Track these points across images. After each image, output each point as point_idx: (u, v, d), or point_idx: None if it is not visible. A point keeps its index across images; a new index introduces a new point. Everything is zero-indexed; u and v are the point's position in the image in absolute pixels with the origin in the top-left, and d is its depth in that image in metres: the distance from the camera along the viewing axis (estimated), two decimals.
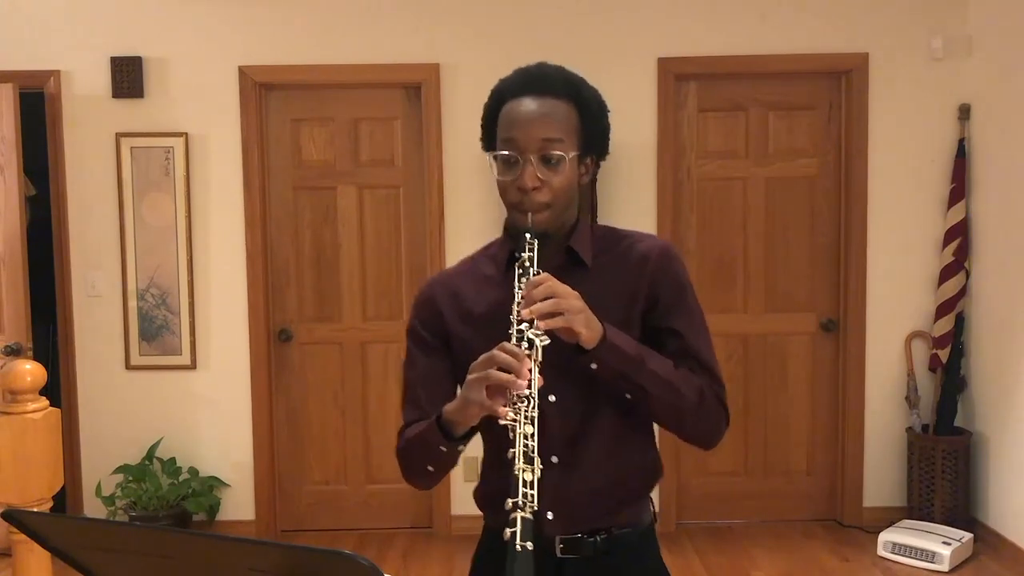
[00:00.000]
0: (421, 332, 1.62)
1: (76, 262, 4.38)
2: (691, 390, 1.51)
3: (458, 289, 1.63)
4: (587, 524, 1.55)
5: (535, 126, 1.50)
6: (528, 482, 1.31)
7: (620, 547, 1.57)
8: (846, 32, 4.34)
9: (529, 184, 1.49)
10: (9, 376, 2.16)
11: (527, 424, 1.34)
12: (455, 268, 1.70)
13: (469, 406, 1.39)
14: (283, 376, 4.53)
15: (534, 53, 4.60)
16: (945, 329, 4.31)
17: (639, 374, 1.46)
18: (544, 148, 1.49)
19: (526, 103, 1.52)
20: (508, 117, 1.53)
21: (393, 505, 4.57)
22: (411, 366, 1.63)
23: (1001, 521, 4.15)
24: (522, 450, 1.33)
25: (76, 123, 4.33)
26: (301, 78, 4.36)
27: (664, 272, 1.57)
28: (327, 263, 4.50)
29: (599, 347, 1.43)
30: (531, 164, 1.49)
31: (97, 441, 4.42)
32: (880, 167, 4.39)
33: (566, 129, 1.52)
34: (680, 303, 1.57)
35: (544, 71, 1.58)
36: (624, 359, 1.45)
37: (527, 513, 1.28)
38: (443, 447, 1.46)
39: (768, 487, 4.55)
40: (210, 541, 1.05)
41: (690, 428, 1.55)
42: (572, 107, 1.53)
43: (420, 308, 1.65)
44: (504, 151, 1.52)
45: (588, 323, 1.41)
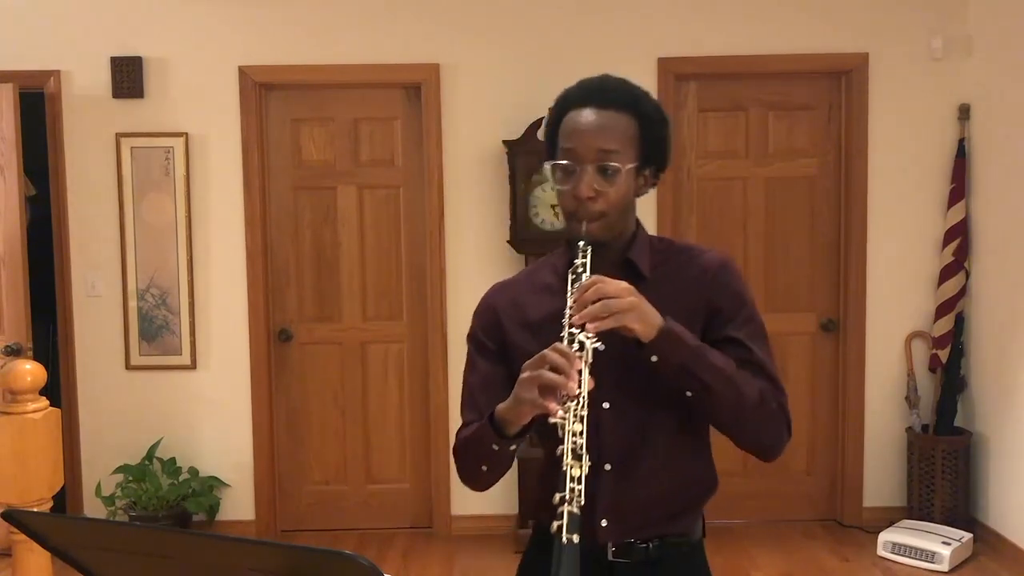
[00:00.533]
0: (481, 338, 1.66)
1: (76, 262, 4.38)
2: (752, 388, 1.51)
3: (518, 297, 1.66)
4: (640, 532, 1.56)
5: (592, 137, 1.52)
6: (576, 478, 1.33)
7: (670, 556, 1.58)
8: (846, 32, 4.34)
9: (584, 193, 1.51)
10: (9, 376, 2.16)
11: (576, 422, 1.36)
12: (516, 277, 1.74)
13: (520, 404, 1.41)
14: (283, 376, 4.53)
15: (534, 53, 4.63)
16: (945, 329, 4.31)
17: (700, 366, 1.46)
18: (601, 159, 1.52)
19: (585, 114, 1.55)
20: (567, 127, 1.56)
21: (393, 505, 4.57)
22: (471, 370, 1.67)
23: (1001, 521, 4.15)
24: (570, 447, 1.35)
25: (76, 123, 4.33)
26: (301, 78, 4.36)
27: (725, 284, 1.58)
28: (327, 263, 4.50)
29: (658, 338, 1.43)
30: (587, 174, 1.51)
31: (97, 441, 4.41)
32: (880, 167, 4.39)
33: (623, 141, 1.54)
34: (741, 314, 1.58)
35: (606, 83, 1.60)
36: (684, 349, 1.45)
37: (574, 508, 1.31)
38: (495, 445, 1.48)
39: (768, 487, 4.55)
40: (210, 541, 1.05)
41: (750, 431, 1.54)
42: (632, 119, 1.55)
43: (481, 315, 1.68)
44: (562, 160, 1.54)
45: (642, 318, 1.42)
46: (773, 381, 1.56)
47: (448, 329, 4.41)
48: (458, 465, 1.63)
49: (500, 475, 1.57)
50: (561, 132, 1.57)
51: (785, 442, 1.58)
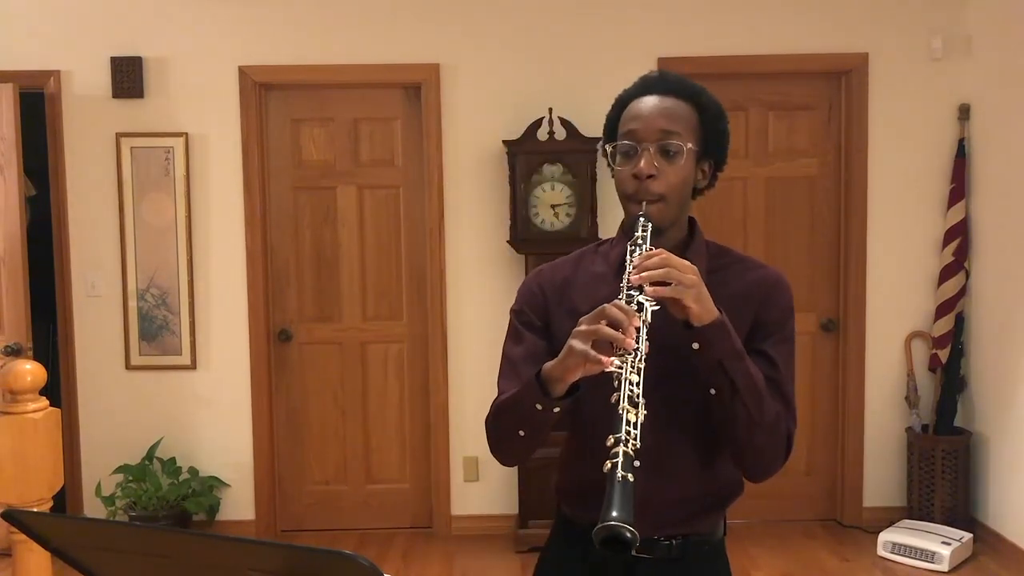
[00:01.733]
0: (528, 313, 1.63)
1: (76, 262, 4.38)
2: (771, 408, 1.49)
3: (567, 281, 1.63)
4: (664, 530, 1.55)
5: (655, 118, 1.53)
6: (632, 422, 1.30)
7: (692, 554, 1.58)
8: (846, 32, 4.34)
9: (645, 170, 1.51)
10: (9, 376, 2.16)
11: (633, 372, 1.33)
12: (564, 260, 1.69)
13: (573, 357, 1.37)
14: (283, 376, 4.53)
15: (534, 53, 4.62)
16: (945, 329, 4.31)
17: (736, 368, 1.44)
18: (663, 138, 1.52)
19: (647, 100, 1.56)
20: (629, 113, 1.57)
21: (393, 505, 4.57)
22: (516, 342, 1.62)
23: (1001, 521, 4.15)
24: (627, 393, 1.32)
25: (76, 123, 4.33)
26: (301, 78, 4.36)
27: (774, 300, 1.57)
28: (327, 263, 4.50)
29: (710, 325, 1.41)
30: (648, 152, 1.52)
31: (97, 441, 4.41)
32: (880, 167, 4.39)
33: (685, 125, 1.54)
34: (780, 332, 1.56)
35: (666, 75, 1.61)
36: (729, 346, 1.43)
37: (629, 448, 1.28)
38: (539, 405, 1.43)
39: (768, 487, 4.48)
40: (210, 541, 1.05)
41: (754, 449, 1.52)
42: (692, 108, 1.56)
43: (528, 293, 1.65)
44: (624, 141, 1.55)
45: (700, 298, 1.40)
46: (789, 407, 1.55)
47: (448, 329, 4.41)
48: (491, 433, 1.58)
49: (534, 446, 1.53)
50: (623, 120, 1.58)
51: (778, 468, 1.57)
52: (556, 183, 4.16)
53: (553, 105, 4.17)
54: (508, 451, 1.57)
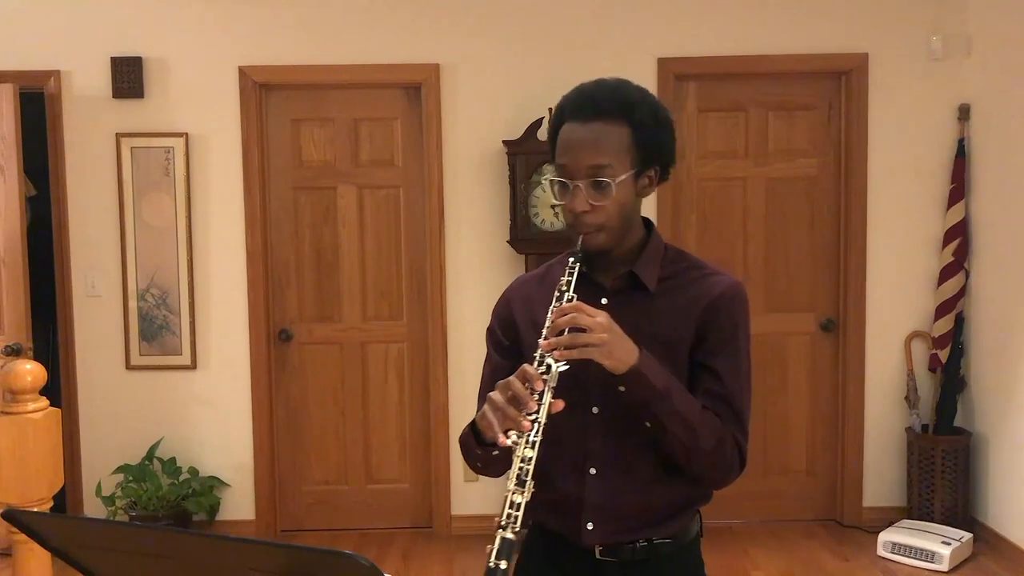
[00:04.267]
0: (497, 332, 1.70)
1: (76, 262, 4.38)
2: (710, 436, 1.51)
3: (531, 296, 1.66)
4: (627, 535, 1.57)
5: (583, 154, 1.52)
6: (515, 504, 1.36)
7: (660, 556, 1.59)
8: (846, 32, 4.34)
9: (579, 208, 1.52)
10: (9, 376, 2.16)
11: (527, 448, 1.38)
12: (534, 273, 1.75)
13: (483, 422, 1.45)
14: (283, 376, 4.53)
15: (534, 53, 4.62)
16: (945, 329, 4.31)
17: (662, 409, 1.47)
18: (592, 174, 1.52)
19: (576, 129, 1.54)
20: (562, 143, 1.57)
21: (393, 505, 4.57)
22: (487, 363, 1.71)
23: (1001, 521, 4.15)
24: (516, 472, 1.38)
25: (76, 123, 4.33)
26: (301, 78, 4.36)
27: (721, 310, 1.57)
28: (327, 263, 4.50)
29: (627, 374, 1.45)
30: (580, 190, 1.52)
31: (97, 441, 4.41)
32: (880, 167, 4.39)
33: (616, 153, 1.52)
34: (729, 346, 1.57)
35: (598, 92, 1.57)
36: (649, 391, 1.47)
37: (508, 533, 1.33)
38: (478, 450, 1.53)
39: (768, 487, 4.55)
40: (210, 541, 1.05)
41: (697, 469, 1.55)
42: (625, 127, 1.53)
43: (498, 310, 1.72)
44: (558, 177, 1.56)
45: (611, 354, 1.43)
46: (739, 422, 1.56)
47: (448, 329, 4.41)
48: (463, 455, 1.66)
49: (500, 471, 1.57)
50: (558, 146, 1.58)
51: (733, 479, 1.59)
52: None
53: (553, 105, 4.15)
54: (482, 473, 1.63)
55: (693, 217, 4.49)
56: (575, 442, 1.56)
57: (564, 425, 1.44)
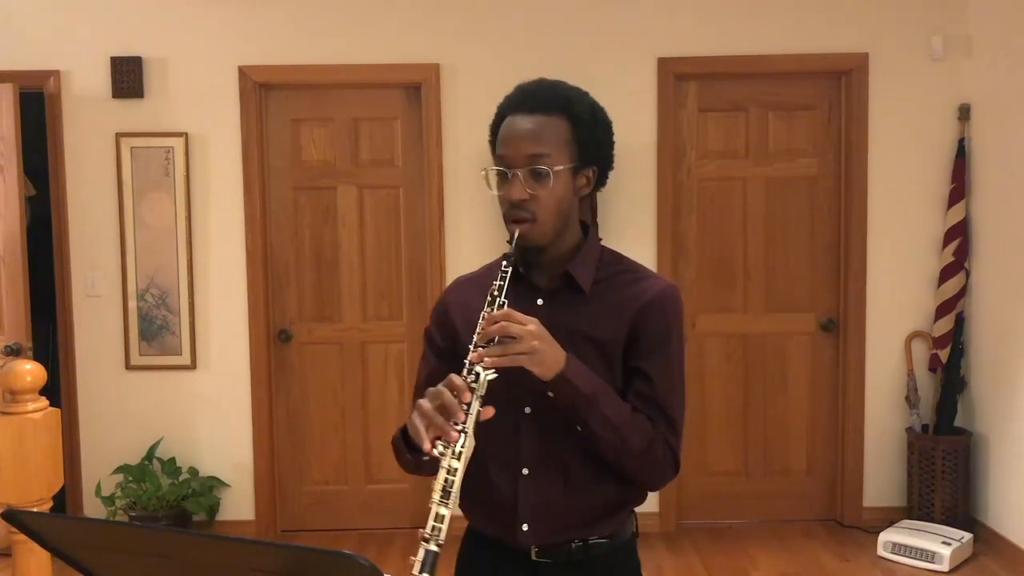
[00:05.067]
0: (434, 335, 1.72)
1: (76, 262, 4.38)
2: (640, 439, 1.53)
3: (469, 298, 1.66)
4: (562, 535, 1.58)
5: (522, 142, 1.54)
6: (440, 516, 1.38)
7: (596, 557, 1.60)
8: (846, 32, 4.34)
9: (515, 196, 1.54)
10: (9, 376, 2.16)
11: (454, 459, 1.39)
12: (471, 275, 1.75)
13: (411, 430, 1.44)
14: (283, 376, 4.53)
15: (534, 53, 4.61)
16: (945, 329, 4.31)
17: (590, 414, 1.49)
18: (531, 162, 1.54)
19: (517, 121, 1.57)
20: (502, 135, 1.59)
21: (393, 505, 4.57)
22: (423, 365, 1.74)
23: (1001, 521, 4.15)
24: (441, 484, 1.38)
25: (76, 123, 4.33)
26: (301, 78, 4.36)
27: (653, 314, 1.59)
28: (327, 263, 4.50)
29: (554, 380, 1.46)
30: (518, 178, 1.54)
31: (97, 441, 4.41)
32: (880, 167, 4.39)
33: (555, 143, 1.55)
34: (660, 349, 1.58)
35: (538, 88, 1.61)
36: (577, 396, 1.48)
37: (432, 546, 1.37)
38: (408, 455, 1.55)
39: (768, 487, 4.55)
40: (210, 541, 1.05)
41: (629, 471, 1.57)
42: (564, 121, 1.56)
43: (436, 314, 1.73)
44: (496, 167, 1.58)
45: (541, 361, 1.44)
46: (671, 424, 1.58)
47: None
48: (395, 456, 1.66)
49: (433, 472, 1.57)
50: (499, 138, 1.60)
51: (667, 481, 1.61)
52: None
53: None
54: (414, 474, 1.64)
55: (693, 217, 4.49)
56: (508, 442, 1.57)
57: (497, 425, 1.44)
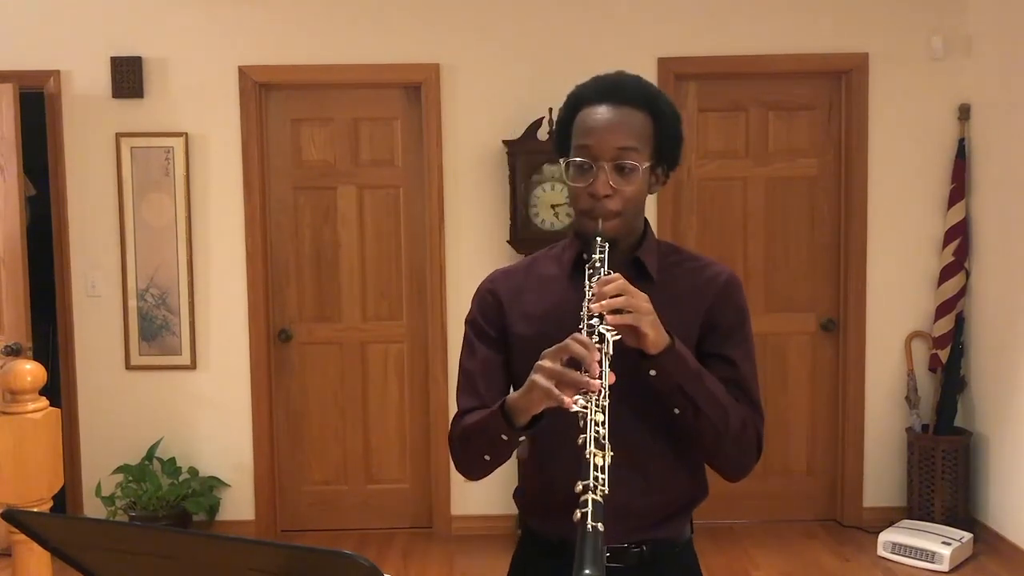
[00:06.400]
0: (482, 323, 1.63)
1: (76, 262, 4.38)
2: (737, 419, 1.51)
3: (520, 286, 1.63)
4: (631, 536, 1.55)
5: (611, 134, 1.49)
6: (599, 466, 1.30)
7: (662, 559, 1.58)
8: (846, 32, 4.34)
9: (601, 191, 1.49)
10: (9, 376, 2.16)
11: (598, 412, 1.33)
12: (517, 265, 1.70)
13: (536, 393, 1.37)
14: (283, 376, 4.53)
15: (534, 53, 4.62)
16: (945, 329, 4.31)
17: (695, 388, 1.45)
18: (618, 156, 1.49)
19: (602, 111, 1.51)
20: (584, 124, 1.52)
21: (393, 505, 4.57)
22: (470, 355, 1.63)
23: (1001, 521, 4.15)
24: (594, 436, 1.31)
25: (76, 123, 4.33)
26: (301, 78, 4.36)
27: (728, 299, 1.58)
28: (327, 263, 4.50)
29: (664, 353, 1.42)
30: (604, 172, 1.49)
31: (97, 441, 4.41)
32: (880, 167, 4.39)
33: (641, 138, 1.51)
34: (739, 333, 1.57)
35: (622, 80, 1.57)
36: (685, 370, 1.45)
37: (598, 496, 1.27)
38: (505, 435, 1.45)
39: (768, 487, 4.54)
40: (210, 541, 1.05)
41: (725, 455, 1.54)
42: (648, 117, 1.53)
43: (482, 301, 1.65)
44: (579, 158, 1.51)
45: (655, 326, 1.41)
46: (755, 406, 1.56)
47: (448, 329, 4.41)
48: (457, 455, 1.60)
49: (499, 465, 1.54)
50: (576, 129, 1.54)
51: (752, 466, 1.58)
52: (556, 183, 4.15)
53: (553, 105, 4.16)
54: (474, 471, 1.58)
55: (693, 217, 4.49)
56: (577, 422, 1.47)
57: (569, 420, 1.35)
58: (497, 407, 1.47)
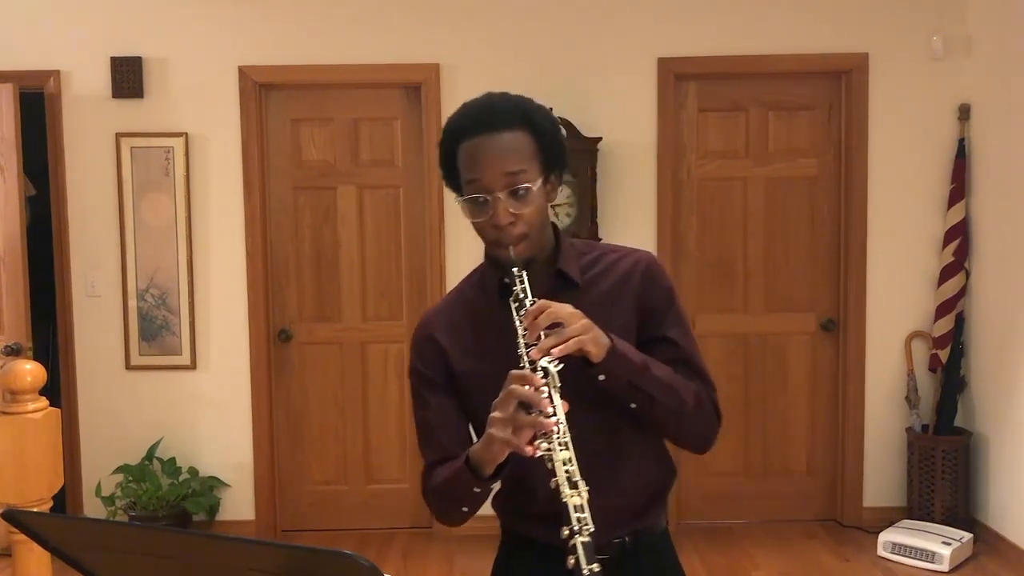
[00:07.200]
0: (425, 372, 1.62)
1: (76, 262, 4.38)
2: (690, 395, 1.54)
3: (455, 322, 1.63)
4: (613, 532, 1.56)
5: (497, 162, 1.48)
6: (578, 507, 1.33)
7: (646, 545, 1.61)
8: (846, 32, 4.34)
9: (503, 221, 1.49)
10: (9, 376, 2.16)
11: (563, 450, 1.35)
12: (445, 302, 1.69)
13: (495, 444, 1.39)
14: (283, 376, 4.53)
15: (534, 53, 4.61)
16: (945, 329, 4.31)
17: (645, 380, 1.48)
18: (510, 183, 1.48)
19: (482, 142, 1.50)
20: (468, 158, 1.51)
21: (393, 505, 4.57)
22: (422, 407, 1.63)
23: (1001, 521, 4.15)
24: (565, 477, 1.34)
25: (76, 123, 4.33)
26: (301, 78, 4.36)
27: (654, 283, 1.60)
28: (327, 263, 4.50)
29: (607, 357, 1.44)
30: (500, 201, 1.48)
31: (97, 441, 4.41)
32: (880, 167, 4.39)
33: (526, 158, 1.50)
34: (671, 312, 1.60)
35: (492, 103, 1.55)
36: (631, 367, 1.47)
37: (585, 537, 1.31)
38: (477, 488, 1.47)
39: (768, 487, 4.55)
40: (210, 541, 1.05)
41: (689, 433, 1.58)
42: (527, 134, 1.52)
43: (421, 347, 1.64)
44: (472, 193, 1.51)
45: (596, 340, 1.42)
46: (704, 377, 1.59)
47: None
48: (434, 508, 1.61)
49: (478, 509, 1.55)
50: (462, 164, 1.52)
51: (717, 433, 1.61)
52: None
53: (553, 105, 4.12)
54: (456, 520, 1.58)
55: (693, 217, 4.49)
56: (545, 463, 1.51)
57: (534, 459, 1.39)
58: (462, 463, 1.48)
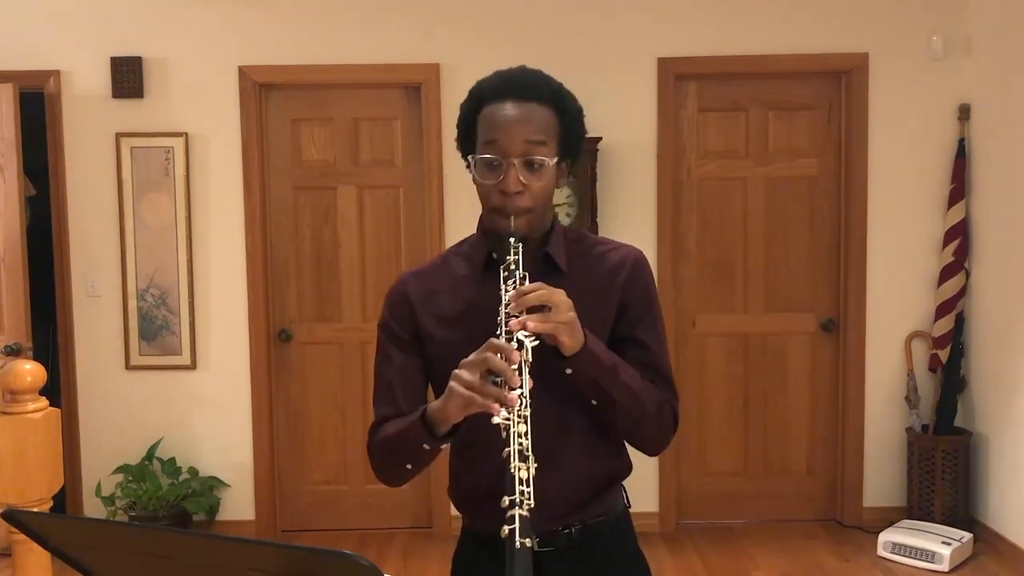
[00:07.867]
0: (395, 328, 1.61)
1: (76, 262, 4.38)
2: (652, 402, 1.54)
3: (432, 287, 1.61)
4: (560, 521, 1.57)
5: (519, 129, 1.49)
6: (524, 480, 1.31)
7: (595, 535, 1.60)
8: (846, 32, 4.34)
9: (512, 188, 1.48)
10: (9, 376, 2.16)
11: (520, 423, 1.34)
12: (427, 266, 1.68)
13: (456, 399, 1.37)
14: (283, 376, 4.53)
15: (534, 53, 4.60)
16: (945, 329, 4.31)
17: (611, 384, 1.48)
18: (527, 152, 1.49)
19: (508, 106, 1.50)
20: (490, 120, 1.51)
21: (393, 505, 4.57)
22: (385, 362, 1.61)
23: (1001, 521, 4.15)
24: (517, 448, 1.33)
25: (76, 123, 4.33)
26: (301, 78, 4.36)
27: (636, 282, 1.59)
28: (327, 263, 4.50)
29: (578, 354, 1.44)
30: (514, 168, 1.48)
31: (97, 441, 4.41)
32: (880, 167, 4.39)
33: (548, 133, 1.51)
34: (648, 314, 1.59)
35: (526, 75, 1.57)
36: (599, 368, 1.47)
37: (524, 510, 1.28)
38: (426, 445, 1.46)
39: (768, 487, 4.55)
40: (210, 541, 1.05)
41: (643, 437, 1.58)
42: (553, 112, 1.53)
43: (393, 305, 1.63)
44: (487, 154, 1.50)
45: (572, 332, 1.42)
46: (669, 384, 1.59)
47: None
48: (376, 464, 1.60)
49: (421, 472, 1.55)
50: (482, 125, 1.52)
51: (670, 441, 1.62)
52: None
53: None
54: (395, 480, 1.58)
55: (693, 217, 4.49)
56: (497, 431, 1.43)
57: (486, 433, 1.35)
58: (417, 417, 1.47)
